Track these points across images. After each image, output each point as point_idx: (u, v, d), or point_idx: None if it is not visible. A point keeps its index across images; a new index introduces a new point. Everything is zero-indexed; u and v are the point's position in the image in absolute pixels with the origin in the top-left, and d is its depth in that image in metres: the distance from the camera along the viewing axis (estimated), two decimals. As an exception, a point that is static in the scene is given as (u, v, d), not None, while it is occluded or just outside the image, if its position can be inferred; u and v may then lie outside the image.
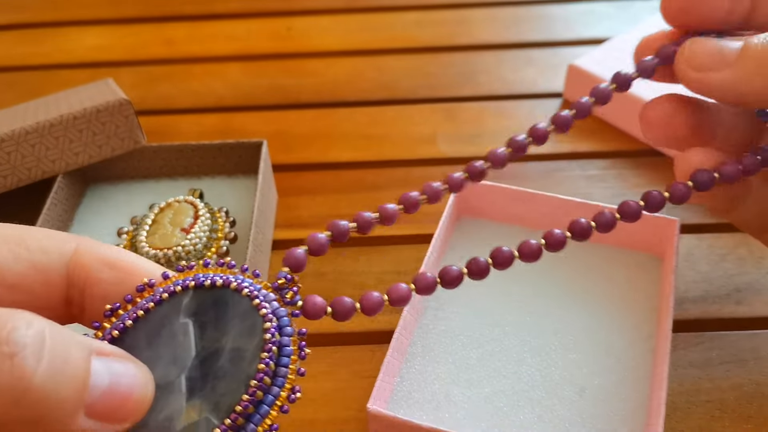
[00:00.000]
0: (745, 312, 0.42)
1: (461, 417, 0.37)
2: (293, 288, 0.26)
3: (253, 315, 0.25)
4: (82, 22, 0.72)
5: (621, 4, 0.71)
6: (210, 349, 0.25)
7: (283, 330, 0.25)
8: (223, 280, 0.26)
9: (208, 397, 0.24)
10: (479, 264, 0.29)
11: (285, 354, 0.25)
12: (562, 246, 0.29)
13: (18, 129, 0.43)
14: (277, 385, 0.24)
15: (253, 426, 0.24)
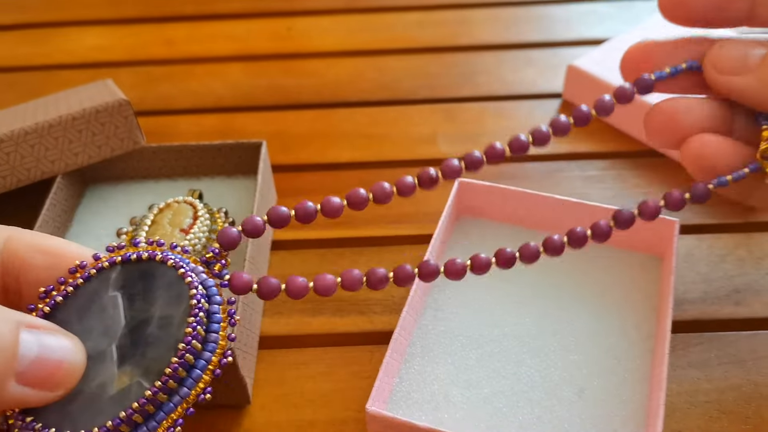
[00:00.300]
0: (744, 313, 0.42)
1: (460, 417, 0.37)
2: (221, 261, 0.28)
3: (179, 284, 0.26)
4: (82, 22, 0.72)
5: (621, 4, 0.71)
6: (139, 319, 0.26)
7: (211, 299, 0.27)
8: (149, 254, 0.27)
9: (138, 363, 0.25)
10: (481, 260, 0.29)
11: (215, 321, 0.26)
12: (560, 252, 0.29)
13: (17, 129, 0.43)
14: (208, 350, 0.26)
15: (187, 389, 0.25)
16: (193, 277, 0.27)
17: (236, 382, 0.37)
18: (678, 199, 0.31)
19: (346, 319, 0.43)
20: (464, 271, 0.29)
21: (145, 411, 0.25)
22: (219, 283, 0.28)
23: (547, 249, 0.30)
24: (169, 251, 0.28)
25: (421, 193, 0.32)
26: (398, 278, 0.29)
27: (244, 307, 0.38)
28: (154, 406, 0.25)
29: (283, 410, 0.39)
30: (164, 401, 0.25)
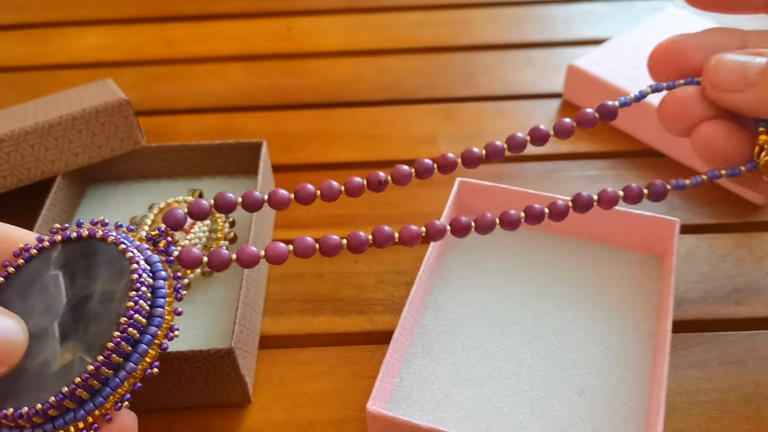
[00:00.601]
0: (744, 312, 0.42)
1: (461, 417, 0.37)
2: (167, 238, 0.28)
3: (120, 260, 0.27)
4: (82, 22, 0.72)
5: (621, 4, 0.71)
6: (80, 296, 0.27)
7: (156, 274, 0.27)
8: (89, 231, 0.28)
9: (80, 339, 0.26)
10: (486, 220, 0.31)
11: (160, 296, 0.27)
12: (565, 215, 0.32)
13: (17, 129, 0.43)
14: (154, 325, 0.26)
15: (133, 364, 0.26)
16: (135, 252, 0.27)
17: (237, 381, 0.37)
18: (636, 193, 0.32)
19: (346, 318, 0.43)
20: (469, 228, 0.30)
21: (89, 386, 0.25)
22: (165, 259, 0.28)
23: (552, 213, 0.32)
24: (114, 230, 0.28)
25: (422, 194, 0.32)
26: (404, 238, 0.29)
27: (245, 306, 0.38)
28: (99, 381, 0.25)
29: (284, 410, 0.39)
30: (110, 376, 0.25)
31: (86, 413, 0.25)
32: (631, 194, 0.32)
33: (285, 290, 0.45)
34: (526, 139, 0.32)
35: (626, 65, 0.55)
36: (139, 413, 0.38)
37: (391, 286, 0.45)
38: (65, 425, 0.25)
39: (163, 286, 0.27)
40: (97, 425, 0.25)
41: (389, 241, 0.29)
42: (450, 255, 0.45)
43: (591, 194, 0.32)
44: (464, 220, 0.30)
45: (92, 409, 0.25)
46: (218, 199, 0.29)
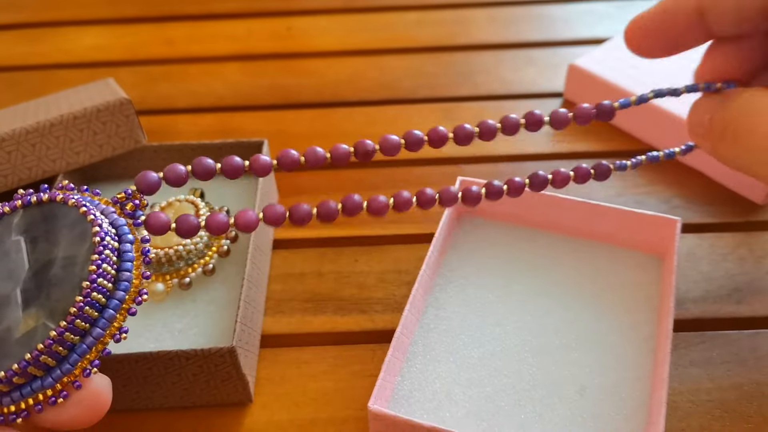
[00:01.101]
0: (745, 312, 0.42)
1: (462, 416, 0.37)
2: (134, 201, 0.27)
3: (81, 223, 0.26)
4: (81, 21, 0.72)
5: (621, 4, 0.71)
6: (43, 261, 0.26)
7: (122, 237, 0.26)
8: (49, 195, 0.27)
9: (43, 304, 0.25)
10: (494, 187, 0.31)
11: (126, 259, 0.26)
12: (567, 182, 0.32)
13: (18, 128, 0.43)
14: (120, 290, 0.25)
15: (100, 330, 0.25)
16: (97, 215, 0.26)
17: (238, 380, 0.37)
18: (584, 172, 0.32)
19: (347, 317, 0.43)
20: (479, 197, 0.30)
21: (54, 353, 0.25)
22: (132, 222, 0.27)
23: (556, 181, 0.32)
24: (78, 193, 0.27)
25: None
26: (398, 204, 0.29)
27: (246, 305, 0.38)
28: (65, 347, 0.25)
29: (285, 409, 0.39)
30: (76, 343, 0.25)
31: (54, 380, 0.25)
32: (580, 173, 0.32)
33: (286, 289, 0.45)
34: (520, 121, 0.32)
35: (627, 65, 0.55)
36: (139, 413, 0.39)
37: (392, 285, 0.45)
38: (33, 393, 0.25)
39: (129, 250, 0.26)
40: (66, 392, 0.25)
41: (307, 219, 0.28)
42: (451, 254, 0.45)
43: (546, 173, 0.32)
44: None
45: (60, 376, 0.25)
46: (226, 164, 0.28)
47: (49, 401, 0.25)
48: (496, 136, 0.32)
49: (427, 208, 0.30)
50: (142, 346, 0.40)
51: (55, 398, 0.25)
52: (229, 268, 0.44)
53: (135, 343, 0.40)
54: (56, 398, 0.25)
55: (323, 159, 0.30)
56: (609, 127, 0.56)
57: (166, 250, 0.41)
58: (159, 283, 0.41)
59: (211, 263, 0.42)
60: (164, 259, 0.41)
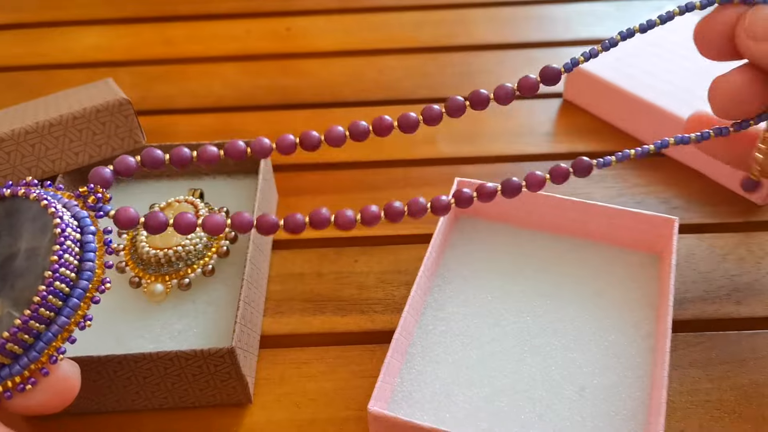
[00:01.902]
0: (744, 312, 0.42)
1: (462, 417, 0.37)
2: (96, 194, 0.28)
3: (43, 215, 0.27)
4: (81, 22, 0.72)
5: (621, 4, 0.71)
6: (6, 255, 0.27)
7: (84, 229, 0.27)
8: (11, 191, 0.28)
9: (7, 295, 0.26)
10: (487, 189, 0.32)
11: (89, 250, 0.27)
12: (567, 178, 0.33)
13: (18, 129, 0.43)
14: (84, 279, 0.27)
15: (65, 318, 0.26)
16: (58, 207, 0.27)
17: (238, 381, 0.37)
18: (562, 171, 0.32)
19: (346, 318, 0.43)
20: (471, 200, 0.31)
21: (20, 341, 0.25)
22: (94, 214, 0.28)
23: (553, 176, 0.33)
24: (41, 189, 0.28)
25: (421, 193, 0.32)
26: (389, 214, 0.30)
27: (245, 306, 0.38)
28: (30, 335, 0.26)
29: (284, 409, 0.39)
30: (41, 331, 0.26)
31: (21, 368, 0.26)
32: (558, 173, 0.32)
33: (285, 290, 0.45)
34: (514, 90, 0.32)
35: (626, 65, 0.55)
36: (139, 413, 0.39)
37: (391, 286, 0.45)
38: (1, 380, 0.26)
39: (91, 240, 0.27)
40: (34, 379, 0.26)
41: (376, 220, 0.29)
42: (450, 255, 0.45)
43: (519, 180, 0.32)
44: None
45: (27, 364, 0.26)
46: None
47: (17, 388, 0.26)
48: (488, 104, 0.32)
49: (419, 217, 0.31)
50: (141, 347, 0.40)
51: (24, 385, 0.26)
52: (229, 268, 0.44)
53: (134, 344, 0.40)
54: (24, 385, 0.26)
55: (318, 141, 0.31)
56: (609, 127, 0.56)
57: (166, 251, 0.41)
58: (158, 284, 0.41)
59: (211, 264, 0.42)
60: (164, 260, 0.41)
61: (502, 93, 0.32)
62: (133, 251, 0.43)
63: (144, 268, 0.42)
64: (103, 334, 0.41)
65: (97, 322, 0.41)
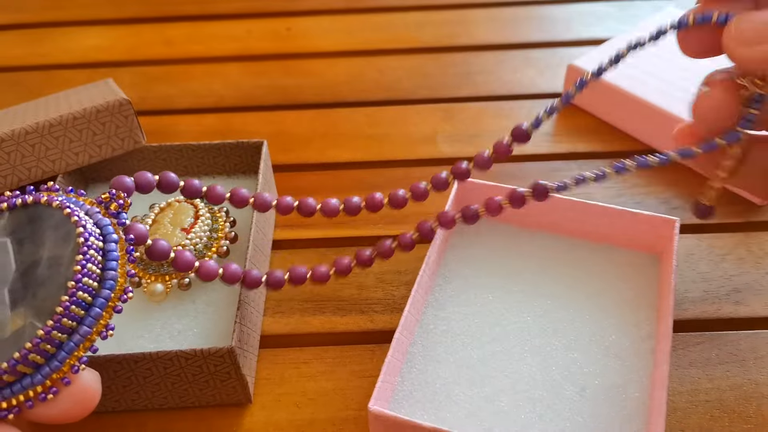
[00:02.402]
0: (744, 312, 0.42)
1: (463, 416, 0.37)
2: (118, 201, 0.28)
3: (66, 224, 0.27)
4: (81, 22, 0.72)
5: (621, 4, 0.71)
6: (28, 262, 0.27)
7: (107, 237, 0.27)
8: (33, 197, 0.28)
9: (30, 304, 0.26)
10: (494, 203, 0.33)
11: (112, 258, 0.27)
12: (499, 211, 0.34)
13: (18, 129, 0.43)
14: (106, 288, 0.26)
15: (87, 328, 0.26)
16: (81, 216, 0.27)
17: (237, 381, 0.37)
18: (519, 197, 0.34)
19: (346, 318, 0.43)
20: (478, 216, 0.32)
21: (42, 351, 0.25)
22: (116, 222, 0.28)
23: (489, 209, 0.34)
24: (63, 195, 0.28)
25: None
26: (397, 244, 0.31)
27: (245, 306, 0.38)
28: (52, 345, 0.25)
29: (284, 409, 0.39)
30: (64, 341, 0.26)
31: (43, 378, 0.26)
32: (515, 198, 0.34)
33: (285, 289, 0.45)
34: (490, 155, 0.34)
35: (626, 65, 0.55)
36: (139, 413, 0.39)
37: (391, 286, 0.45)
38: (23, 390, 0.26)
39: (114, 249, 0.27)
40: (56, 388, 0.26)
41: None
42: (451, 254, 0.45)
43: (477, 207, 0.33)
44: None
45: (49, 374, 0.26)
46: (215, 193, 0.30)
47: (39, 397, 0.26)
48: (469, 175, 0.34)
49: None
50: (141, 347, 0.40)
51: (45, 394, 0.26)
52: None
53: (134, 344, 0.40)
54: (46, 394, 0.26)
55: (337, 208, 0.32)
56: (609, 127, 0.56)
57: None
58: (158, 284, 0.41)
59: (211, 264, 0.42)
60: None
61: (481, 161, 0.34)
62: (133, 251, 0.43)
63: (144, 268, 0.42)
64: (104, 334, 0.41)
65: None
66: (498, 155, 0.34)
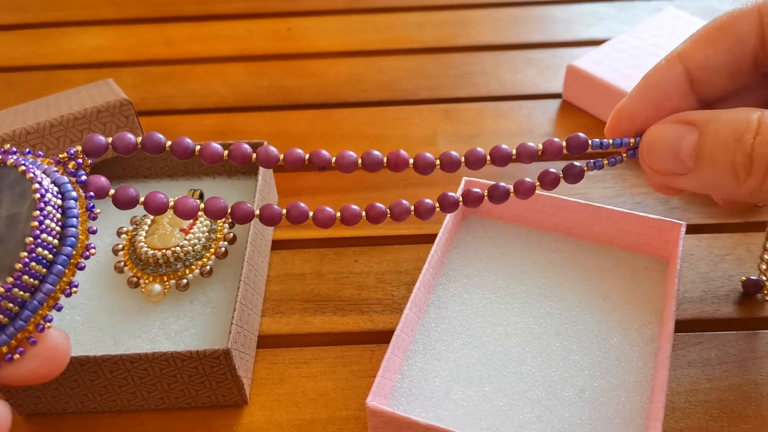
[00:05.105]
0: (743, 312, 0.42)
1: (461, 415, 0.37)
2: (77, 160, 0.28)
3: (22, 182, 0.26)
4: (83, 22, 0.72)
5: (621, 4, 0.71)
6: None
7: (65, 195, 0.27)
8: None
9: None
10: (500, 189, 0.32)
11: (71, 215, 0.26)
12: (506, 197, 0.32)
13: (19, 129, 0.43)
14: (67, 245, 0.26)
15: (50, 286, 0.26)
16: (37, 173, 0.27)
17: (233, 382, 0.37)
18: (553, 177, 0.32)
19: (346, 318, 0.43)
20: (482, 198, 0.31)
21: (5, 310, 0.25)
22: (75, 180, 0.28)
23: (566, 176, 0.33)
24: (19, 156, 0.28)
25: (428, 193, 0.32)
26: (394, 213, 0.30)
27: (242, 307, 0.38)
28: (15, 304, 0.25)
29: (284, 409, 0.39)
30: (26, 299, 0.26)
31: (8, 337, 0.25)
32: (548, 180, 0.32)
33: (285, 290, 0.45)
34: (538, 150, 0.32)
35: (626, 65, 0.55)
36: (139, 413, 0.39)
37: (391, 286, 0.45)
38: None
39: (73, 206, 0.27)
40: (21, 348, 0.26)
41: (382, 217, 0.30)
42: (454, 253, 0.45)
43: (507, 185, 0.32)
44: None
45: (13, 333, 0.25)
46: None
47: (5, 358, 0.26)
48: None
49: (426, 218, 0.31)
50: (138, 347, 0.40)
51: (11, 355, 0.26)
52: (227, 269, 0.44)
53: (132, 344, 0.40)
54: (12, 355, 0.26)
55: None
56: (608, 127, 0.56)
57: (164, 251, 0.42)
58: (156, 284, 0.41)
59: (209, 265, 0.43)
60: (162, 261, 0.41)
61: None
62: (131, 251, 0.43)
63: (142, 269, 0.42)
64: (101, 334, 0.41)
65: (94, 322, 0.41)
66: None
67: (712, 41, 0.30)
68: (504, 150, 0.32)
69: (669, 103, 0.31)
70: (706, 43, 0.30)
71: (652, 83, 0.31)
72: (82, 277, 0.44)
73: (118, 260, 0.43)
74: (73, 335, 0.41)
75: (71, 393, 0.37)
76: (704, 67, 0.30)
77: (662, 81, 0.31)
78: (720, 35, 0.30)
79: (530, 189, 0.32)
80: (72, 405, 0.38)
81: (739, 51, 0.30)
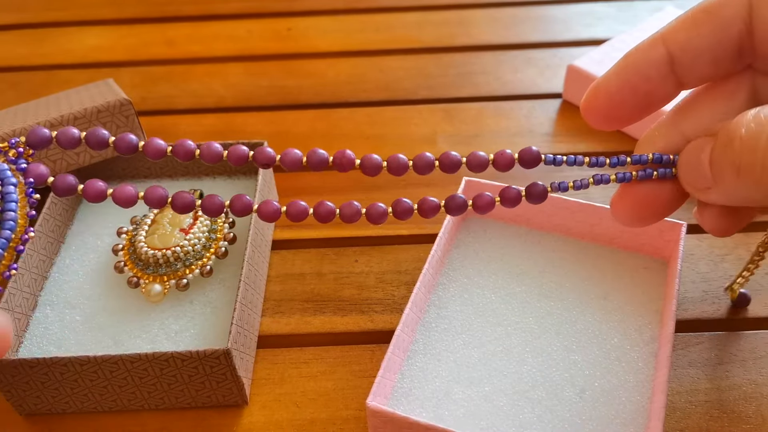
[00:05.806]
0: (744, 312, 0.42)
1: (461, 415, 0.37)
2: (18, 149, 0.28)
3: None
4: (82, 22, 0.72)
5: (621, 4, 0.71)
6: None
7: (4, 180, 0.28)
8: None
9: None
10: (511, 192, 0.30)
11: (10, 200, 0.27)
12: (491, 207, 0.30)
13: (19, 129, 0.43)
14: (6, 229, 0.27)
15: None
16: None
17: (233, 382, 0.37)
18: (514, 195, 0.30)
19: (346, 318, 0.43)
20: (493, 204, 0.29)
21: None
22: (15, 168, 0.28)
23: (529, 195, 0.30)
24: None
25: (429, 193, 0.32)
26: (397, 212, 0.29)
27: (242, 307, 0.38)
28: None
29: (284, 409, 0.39)
30: None
31: None
32: (509, 197, 0.30)
33: (285, 290, 0.45)
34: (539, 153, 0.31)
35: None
36: (139, 413, 0.39)
37: (391, 286, 0.45)
38: None
39: (12, 192, 0.27)
40: None
41: (383, 217, 0.29)
42: (455, 254, 0.45)
43: (519, 189, 0.30)
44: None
45: None
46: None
47: None
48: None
49: (430, 216, 0.30)
50: (138, 347, 0.40)
51: None
52: (227, 269, 0.44)
53: (132, 344, 0.40)
54: None
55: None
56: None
57: (164, 251, 0.42)
58: (156, 284, 0.41)
59: (209, 265, 0.43)
60: (162, 261, 0.41)
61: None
62: (131, 251, 0.43)
63: (142, 269, 0.42)
64: (101, 334, 0.41)
65: (94, 322, 0.41)
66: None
67: (697, 23, 0.29)
68: (507, 155, 0.31)
69: (646, 86, 0.30)
70: (690, 25, 0.29)
71: (631, 63, 0.30)
72: (83, 277, 0.44)
73: (118, 260, 0.43)
74: (73, 335, 0.41)
75: (71, 393, 0.37)
76: (686, 49, 0.29)
77: (642, 62, 0.30)
78: (705, 17, 0.29)
79: (542, 193, 0.30)
80: (72, 405, 0.38)
81: (723, 35, 0.29)
